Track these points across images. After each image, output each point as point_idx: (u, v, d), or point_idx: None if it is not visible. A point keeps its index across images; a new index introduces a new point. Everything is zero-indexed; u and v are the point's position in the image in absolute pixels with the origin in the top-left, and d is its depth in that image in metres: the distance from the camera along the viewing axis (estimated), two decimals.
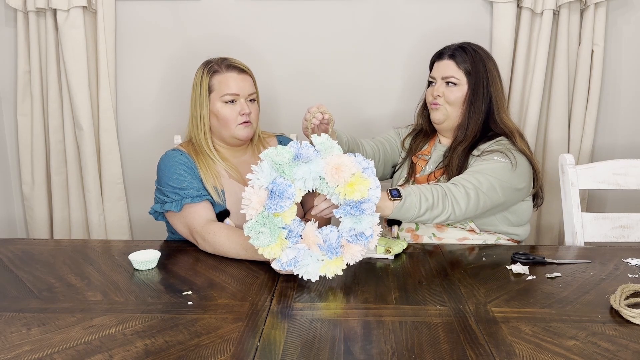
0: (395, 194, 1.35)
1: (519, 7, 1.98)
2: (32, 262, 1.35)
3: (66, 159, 2.12)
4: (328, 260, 1.21)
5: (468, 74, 1.55)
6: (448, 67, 1.57)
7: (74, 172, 2.13)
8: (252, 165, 1.24)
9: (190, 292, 1.17)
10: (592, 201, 2.16)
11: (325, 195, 1.24)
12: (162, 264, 1.33)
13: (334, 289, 1.20)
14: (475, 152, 1.54)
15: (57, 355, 0.92)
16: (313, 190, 1.25)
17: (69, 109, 2.07)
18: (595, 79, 2.01)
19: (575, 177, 1.66)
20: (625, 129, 2.12)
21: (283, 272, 1.25)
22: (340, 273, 1.22)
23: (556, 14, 1.97)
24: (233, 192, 1.52)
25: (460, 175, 1.46)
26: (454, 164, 1.53)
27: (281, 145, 1.22)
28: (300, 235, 1.22)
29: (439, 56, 1.62)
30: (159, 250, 1.36)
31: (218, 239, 1.39)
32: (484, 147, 1.54)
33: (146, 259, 1.30)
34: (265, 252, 1.20)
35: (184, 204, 1.44)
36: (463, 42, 1.61)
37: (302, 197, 1.31)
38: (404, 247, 1.42)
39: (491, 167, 1.46)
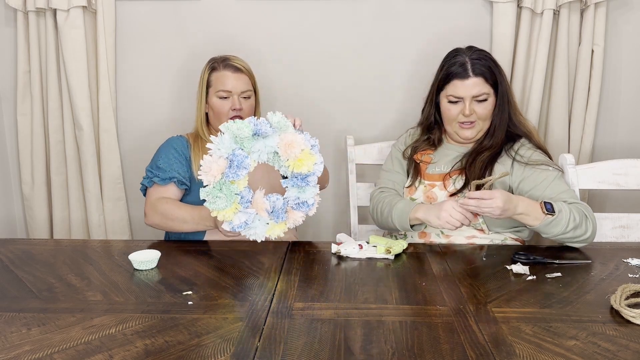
0: (549, 209, 1.39)
1: (519, 7, 1.98)
2: (32, 262, 1.35)
3: (66, 159, 2.12)
4: (273, 224, 1.37)
5: (494, 85, 1.54)
6: (477, 85, 1.52)
7: (74, 172, 2.12)
8: (212, 136, 1.34)
9: (190, 292, 1.17)
10: (592, 201, 2.16)
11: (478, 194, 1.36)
12: (162, 264, 1.33)
13: (334, 289, 1.20)
14: (507, 155, 1.55)
15: (57, 355, 0.92)
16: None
17: (69, 109, 2.07)
18: (595, 79, 2.00)
19: (575, 177, 1.66)
20: (625, 129, 2.12)
21: (229, 235, 1.40)
22: (283, 235, 1.40)
23: (556, 14, 1.97)
24: None
25: (565, 198, 1.47)
26: (477, 166, 1.53)
27: (240, 120, 1.32)
28: (250, 201, 1.35)
29: (460, 75, 1.53)
30: (159, 250, 1.36)
31: (167, 206, 1.55)
32: (522, 152, 1.55)
33: (146, 259, 1.30)
34: (220, 215, 1.32)
35: (153, 182, 1.60)
36: (472, 52, 1.55)
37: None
38: (404, 247, 1.42)
39: (563, 180, 1.52)
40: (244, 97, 1.68)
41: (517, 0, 1.96)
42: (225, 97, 1.66)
